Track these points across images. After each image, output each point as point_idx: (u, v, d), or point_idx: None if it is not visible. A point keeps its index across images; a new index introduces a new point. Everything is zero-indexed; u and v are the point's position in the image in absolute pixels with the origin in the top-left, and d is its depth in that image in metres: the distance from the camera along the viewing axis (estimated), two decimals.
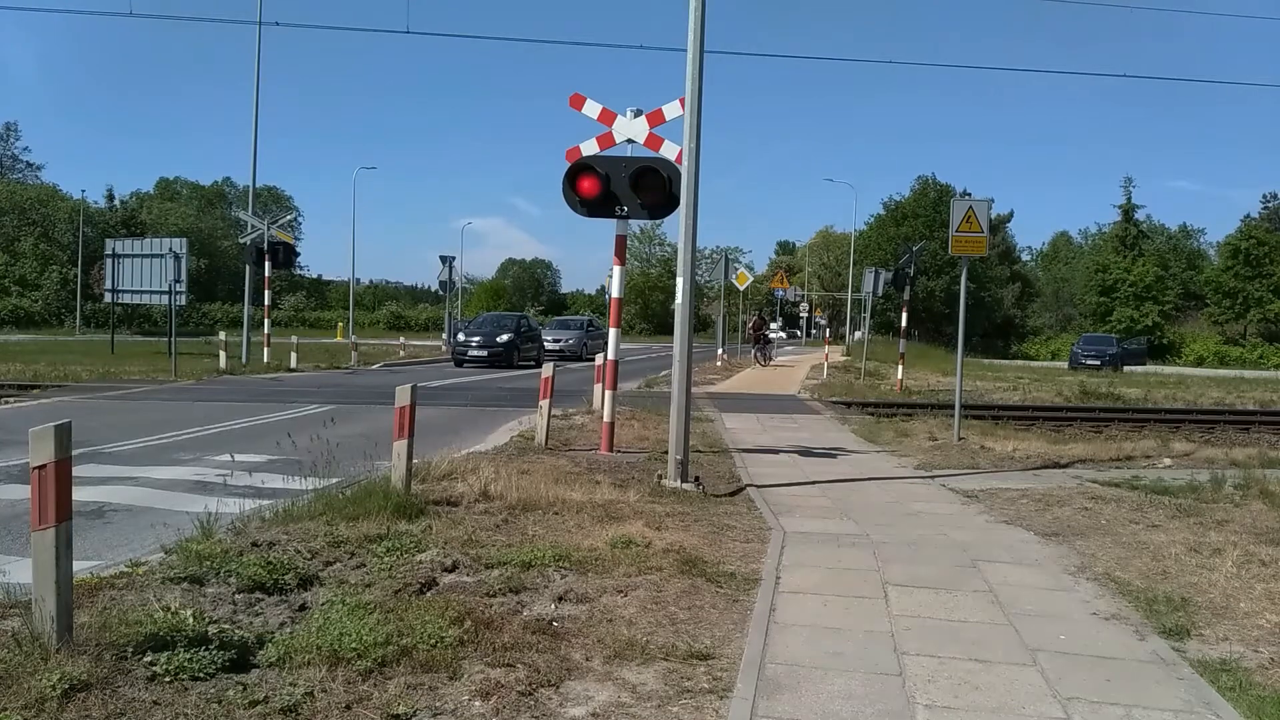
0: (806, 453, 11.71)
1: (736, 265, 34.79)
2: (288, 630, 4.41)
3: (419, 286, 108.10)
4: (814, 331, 76.59)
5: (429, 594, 5.09)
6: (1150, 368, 47.03)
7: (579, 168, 10.11)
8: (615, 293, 10.73)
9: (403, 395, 7.20)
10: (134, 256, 28.14)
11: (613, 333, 10.80)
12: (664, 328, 71.45)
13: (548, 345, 33.16)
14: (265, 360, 25.12)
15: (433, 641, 4.22)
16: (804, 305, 75.06)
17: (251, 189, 29.57)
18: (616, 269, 10.73)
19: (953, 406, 13.38)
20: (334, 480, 7.33)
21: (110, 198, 69.90)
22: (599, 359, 13.30)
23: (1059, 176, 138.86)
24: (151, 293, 27.83)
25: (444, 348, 37.02)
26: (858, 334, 47.94)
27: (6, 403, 14.73)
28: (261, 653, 4.11)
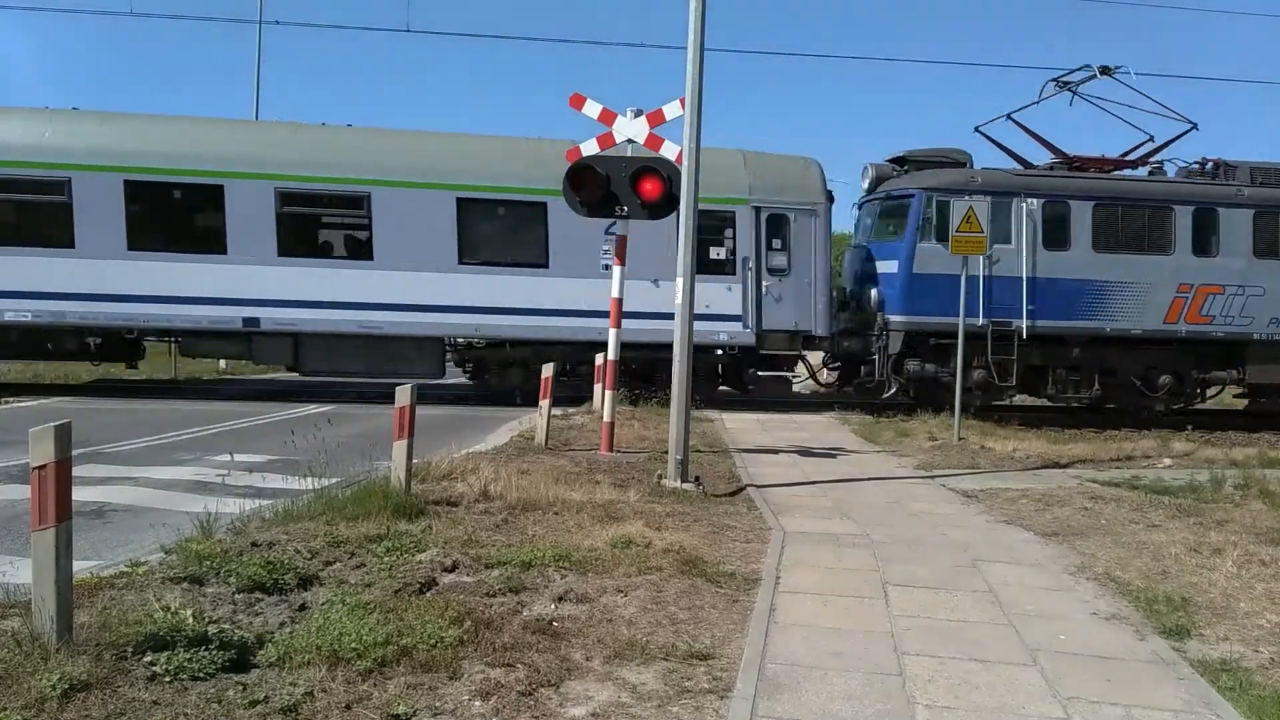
0: (806, 453, 11.72)
1: None
2: (287, 630, 4.41)
3: None
4: None
5: (429, 594, 5.09)
6: None
7: (579, 168, 10.11)
8: (615, 293, 10.73)
9: (403, 395, 7.21)
10: None
11: (612, 333, 10.79)
12: None
13: None
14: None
15: (433, 641, 4.23)
16: None
17: None
18: (616, 269, 10.73)
19: (953, 407, 13.37)
20: (334, 480, 7.32)
21: None
22: (599, 359, 13.30)
23: None
24: None
25: None
26: None
27: (6, 403, 14.73)
28: (261, 653, 4.11)
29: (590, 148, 10.71)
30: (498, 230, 16.40)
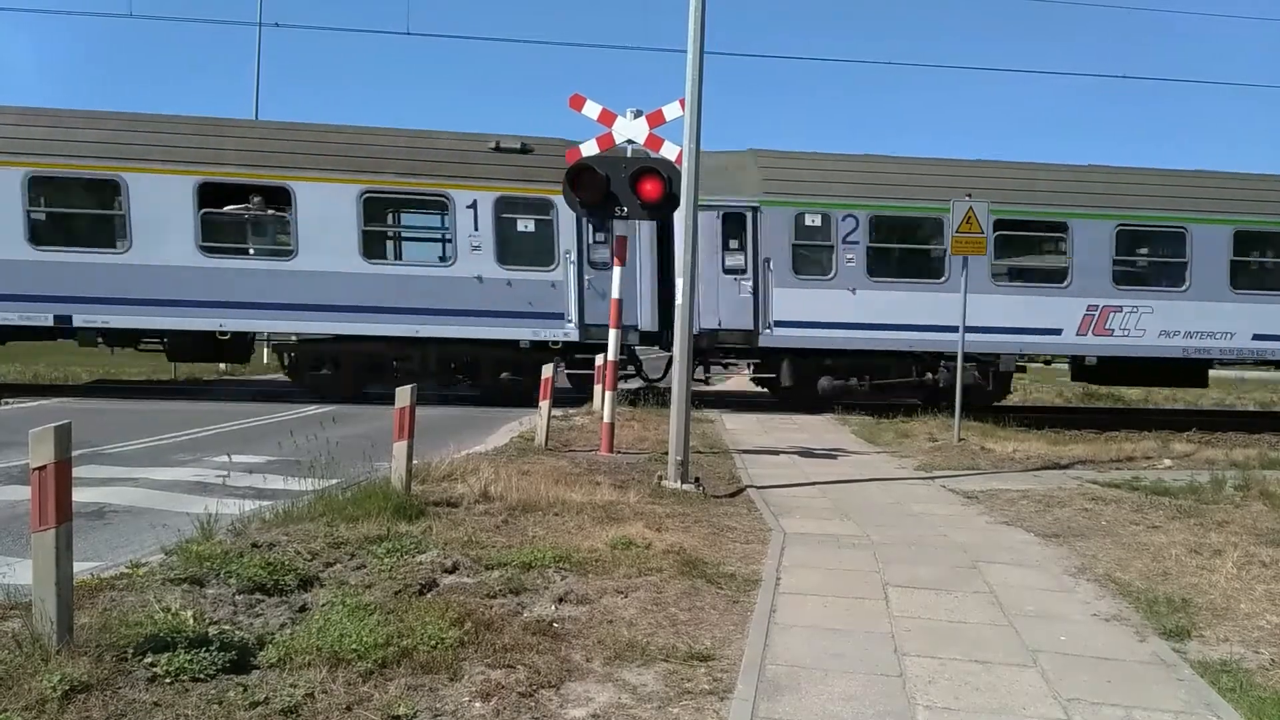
0: (806, 453, 11.71)
1: None
2: (288, 631, 4.41)
3: None
4: None
5: (429, 595, 5.09)
6: None
7: (579, 168, 10.12)
8: (615, 293, 10.73)
9: (402, 396, 7.21)
10: None
11: (612, 333, 10.80)
12: None
13: None
14: (265, 361, 25.09)
15: (433, 643, 4.23)
16: None
17: None
18: (616, 269, 10.73)
19: (952, 407, 13.37)
20: (334, 481, 7.32)
21: None
22: (599, 359, 13.30)
23: None
24: None
25: None
26: None
27: (7, 403, 14.73)
28: (262, 654, 4.11)
29: (590, 148, 10.72)
30: None
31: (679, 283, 8.93)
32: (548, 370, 11.55)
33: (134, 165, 15.20)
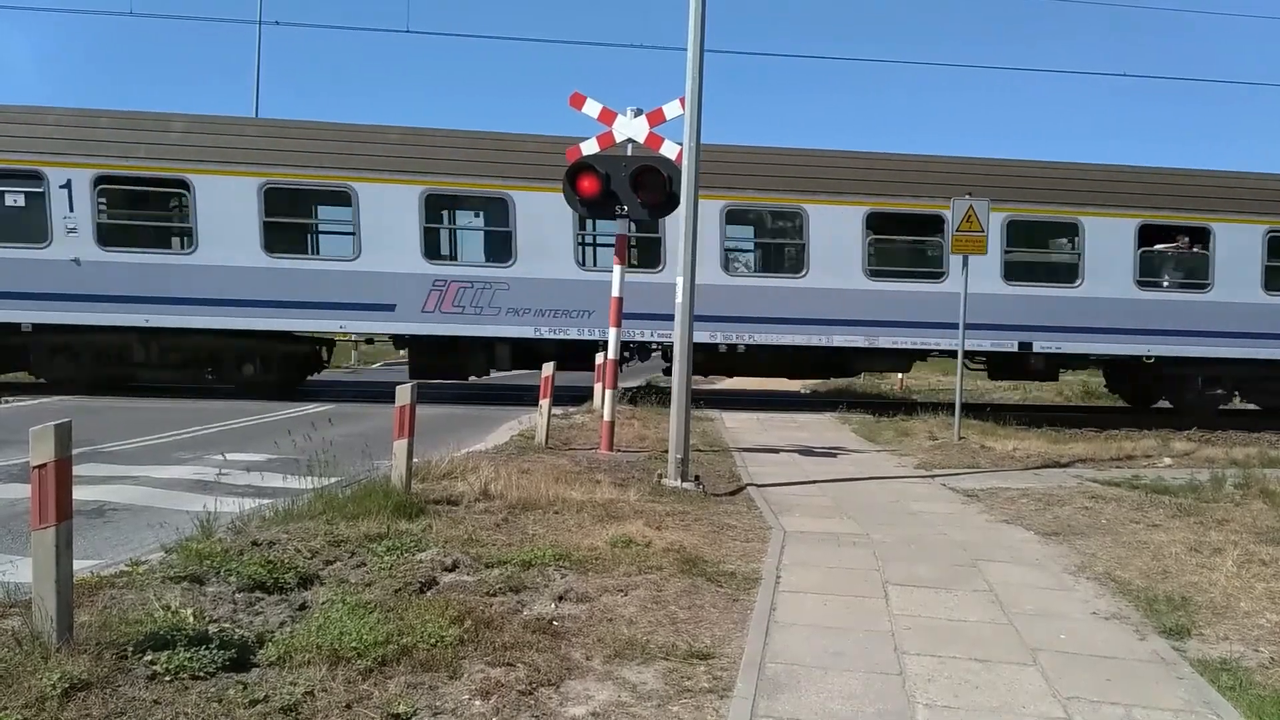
0: (807, 452, 11.71)
1: None
2: (288, 629, 4.41)
3: None
4: None
5: (429, 593, 5.09)
6: None
7: (579, 167, 10.11)
8: (615, 293, 10.72)
9: (403, 394, 7.21)
10: None
11: (612, 333, 10.79)
12: None
13: None
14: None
15: (433, 641, 4.23)
16: None
17: None
18: (617, 268, 10.73)
19: (953, 406, 13.37)
20: (334, 479, 7.32)
21: None
22: (599, 358, 13.30)
23: None
24: None
25: None
26: None
27: (7, 402, 14.73)
28: (262, 652, 4.11)
29: (591, 147, 10.72)
30: None
31: (679, 282, 8.91)
32: (548, 369, 11.55)
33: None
